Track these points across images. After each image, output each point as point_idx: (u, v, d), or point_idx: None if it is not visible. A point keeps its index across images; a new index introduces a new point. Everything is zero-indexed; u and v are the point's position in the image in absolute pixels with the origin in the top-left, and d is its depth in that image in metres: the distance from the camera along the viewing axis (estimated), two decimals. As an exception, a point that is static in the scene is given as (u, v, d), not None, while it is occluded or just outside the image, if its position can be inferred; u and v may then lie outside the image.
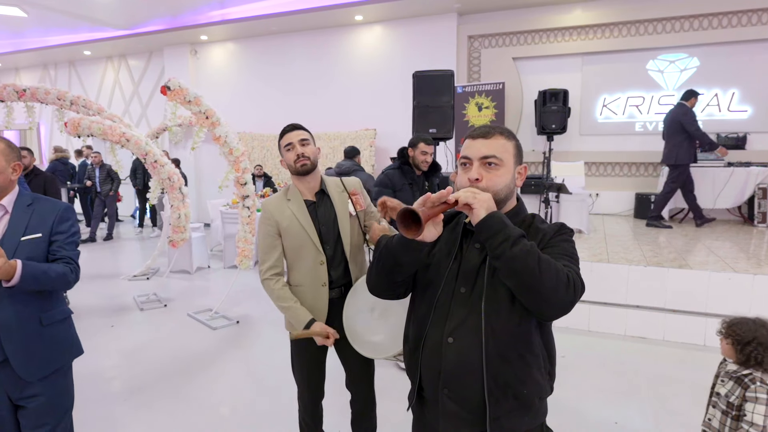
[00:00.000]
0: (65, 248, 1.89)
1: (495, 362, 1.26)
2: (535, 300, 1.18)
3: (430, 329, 1.34)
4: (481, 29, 8.11)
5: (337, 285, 2.11)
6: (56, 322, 1.95)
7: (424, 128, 5.44)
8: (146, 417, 3.08)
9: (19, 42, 11.30)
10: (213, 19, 9.09)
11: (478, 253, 1.31)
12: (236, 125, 9.83)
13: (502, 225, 1.18)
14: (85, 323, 4.74)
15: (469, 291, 1.31)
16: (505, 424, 1.29)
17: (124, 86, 11.60)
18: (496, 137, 1.34)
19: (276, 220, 2.09)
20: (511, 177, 1.35)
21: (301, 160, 2.05)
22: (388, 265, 1.36)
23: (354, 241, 2.15)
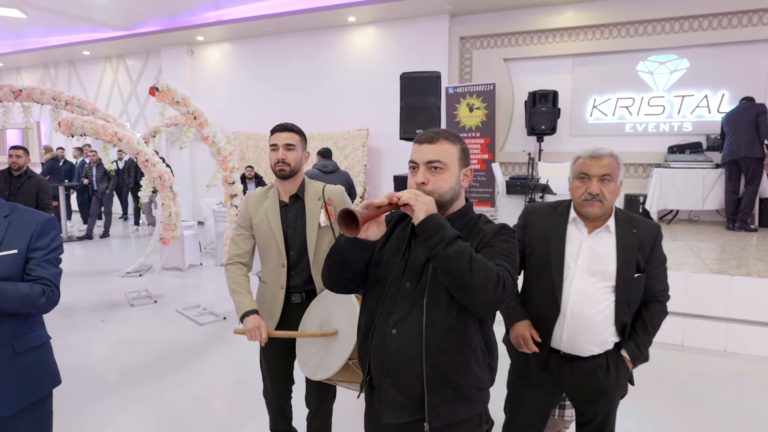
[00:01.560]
0: (42, 266, 1.68)
1: (434, 354, 1.34)
2: (466, 297, 1.26)
3: (377, 321, 1.43)
4: (473, 30, 8.18)
5: (297, 291, 2.12)
6: (31, 348, 1.74)
7: (411, 129, 5.52)
8: (132, 409, 3.18)
9: (20, 42, 11.43)
10: (209, 20, 9.19)
11: (424, 251, 1.36)
12: (232, 125, 9.95)
13: (439, 227, 1.26)
14: (76, 318, 4.85)
15: (414, 286, 1.39)
16: (443, 413, 1.37)
17: (123, 86, 11.72)
18: (440, 142, 1.41)
19: (250, 214, 2.14)
20: (455, 180, 1.43)
21: (281, 165, 2.05)
22: (337, 262, 1.45)
23: (321, 250, 2.10)
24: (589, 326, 1.81)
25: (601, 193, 1.76)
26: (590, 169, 1.78)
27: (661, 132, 7.51)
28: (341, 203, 2.16)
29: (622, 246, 1.81)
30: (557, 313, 1.83)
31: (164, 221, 5.43)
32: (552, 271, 1.84)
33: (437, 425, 1.37)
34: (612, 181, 1.78)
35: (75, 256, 7.88)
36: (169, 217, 5.42)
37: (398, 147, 7.64)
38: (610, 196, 1.78)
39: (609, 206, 1.81)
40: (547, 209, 1.96)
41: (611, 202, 1.80)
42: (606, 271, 1.80)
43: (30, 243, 1.69)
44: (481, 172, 7.85)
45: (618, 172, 1.80)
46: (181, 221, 5.75)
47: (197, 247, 7.10)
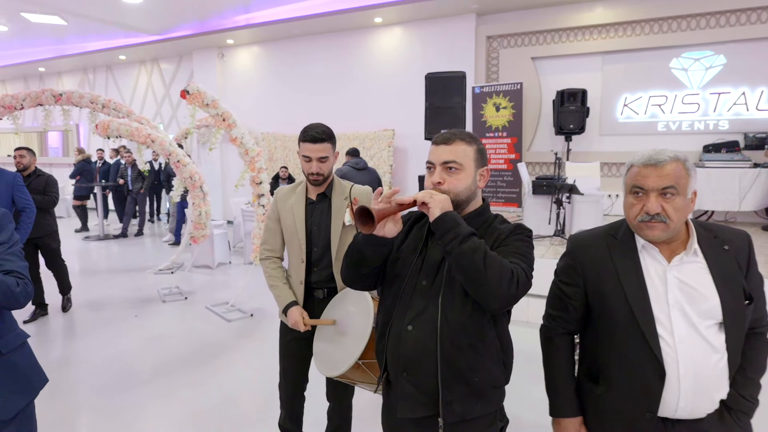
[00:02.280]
0: (8, 260, 1.61)
1: (448, 350, 1.36)
2: (479, 293, 1.28)
3: (394, 318, 1.46)
4: (500, 29, 8.11)
5: (319, 287, 2.16)
6: (15, 348, 1.68)
7: (435, 129, 5.53)
8: (163, 400, 3.29)
9: (61, 48, 11.91)
10: (238, 24, 9.38)
11: (441, 250, 1.38)
12: (260, 126, 10.13)
13: (454, 223, 1.28)
14: (111, 313, 5.03)
15: (429, 284, 1.42)
16: (457, 409, 1.38)
17: (156, 89, 12.07)
18: (457, 143, 1.44)
19: (278, 209, 2.20)
20: (472, 180, 1.45)
21: (315, 176, 2.08)
22: (354, 259, 1.48)
23: (344, 249, 2.06)
24: (711, 382, 1.35)
25: (663, 212, 1.33)
26: (647, 181, 1.34)
27: (695, 131, 7.30)
28: (367, 203, 2.15)
29: (719, 270, 1.37)
30: (662, 375, 1.34)
31: (195, 220, 5.58)
32: (638, 320, 1.36)
33: (451, 421, 1.38)
34: (679, 194, 1.33)
35: (111, 253, 8.16)
36: (199, 216, 5.56)
37: (423, 147, 7.65)
38: (676, 214, 1.33)
39: (677, 227, 1.35)
40: (603, 237, 1.51)
41: (679, 221, 1.35)
42: (708, 307, 1.34)
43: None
44: (508, 172, 7.79)
45: (688, 182, 1.34)
46: (210, 220, 5.89)
47: (226, 246, 7.27)
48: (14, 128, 6.37)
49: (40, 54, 12.31)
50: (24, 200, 3.99)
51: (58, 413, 3.14)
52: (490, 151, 7.98)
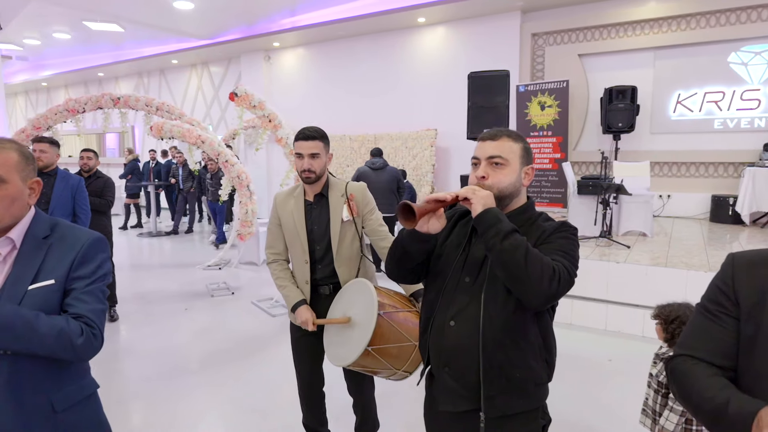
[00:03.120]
0: (82, 300, 1.31)
1: (490, 346, 1.36)
2: (520, 289, 1.27)
3: (437, 313, 1.47)
4: (546, 26, 7.96)
5: (324, 283, 2.22)
6: (76, 403, 1.37)
7: (478, 128, 5.49)
8: (210, 388, 3.43)
9: (118, 54, 12.54)
10: (284, 27, 9.60)
11: (484, 247, 1.38)
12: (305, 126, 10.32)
13: (496, 220, 1.29)
14: (163, 306, 5.27)
15: (472, 280, 1.42)
16: (499, 404, 1.38)
17: (206, 91, 12.51)
18: (503, 139, 1.45)
19: (278, 213, 2.26)
20: (516, 176, 1.44)
21: (306, 173, 2.14)
22: (398, 254, 1.52)
23: (345, 244, 2.21)
24: None
25: None
26: None
27: (755, 128, 6.94)
28: (363, 198, 2.25)
29: None
30: None
31: (241, 218, 5.76)
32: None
33: (493, 416, 1.38)
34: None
35: (163, 249, 8.54)
36: (246, 214, 5.74)
37: (466, 146, 7.60)
38: None
39: None
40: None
41: None
42: None
43: (70, 271, 1.33)
44: (553, 172, 7.64)
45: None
46: (257, 218, 6.07)
47: (271, 244, 7.45)
48: (77, 130, 6.75)
49: (99, 60, 13.00)
50: (83, 206, 3.98)
51: (114, 398, 3.33)
52: (535, 151, 7.84)
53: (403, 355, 1.91)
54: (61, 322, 1.23)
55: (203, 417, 3.11)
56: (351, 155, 9.72)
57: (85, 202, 3.99)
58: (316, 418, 2.40)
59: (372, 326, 1.84)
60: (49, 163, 3.83)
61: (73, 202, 3.91)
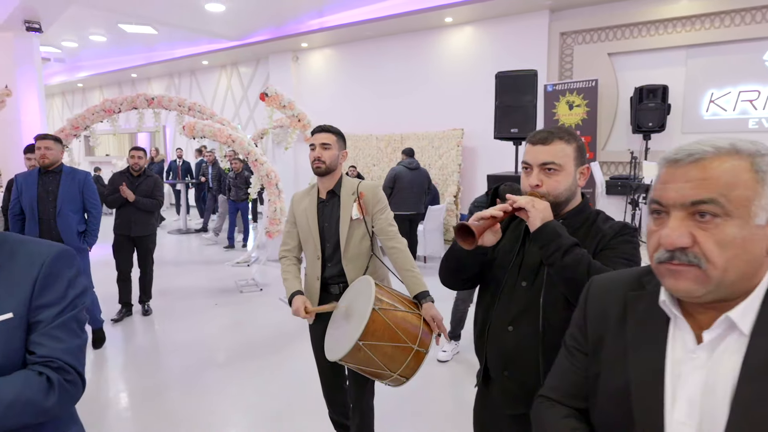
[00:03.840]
0: (53, 336, 1.01)
1: (551, 351, 1.31)
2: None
3: (493, 318, 1.46)
4: (575, 25, 7.88)
5: (334, 281, 2.26)
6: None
7: (505, 128, 5.49)
8: (239, 381, 3.54)
9: (151, 55, 12.88)
10: (312, 28, 9.72)
11: (539, 253, 1.36)
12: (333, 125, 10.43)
13: (556, 235, 1.27)
14: (194, 301, 5.43)
15: (529, 285, 1.41)
16: None
17: (235, 91, 12.75)
18: (555, 142, 1.38)
19: (294, 211, 2.33)
20: (572, 180, 1.40)
21: (317, 162, 2.20)
22: (453, 266, 1.53)
23: (354, 243, 2.22)
24: None
25: (696, 248, 0.75)
26: (667, 194, 0.79)
27: (792, 128, 6.75)
28: (373, 197, 2.27)
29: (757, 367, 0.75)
30: None
31: (270, 216, 5.88)
32: (636, 421, 0.85)
33: None
34: (728, 215, 0.73)
35: (192, 246, 8.75)
36: (275, 212, 5.86)
37: (493, 146, 7.58)
38: (721, 255, 0.74)
39: (729, 278, 0.75)
40: (629, 285, 0.95)
41: (730, 267, 0.74)
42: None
43: (32, 299, 1.02)
44: (581, 172, 7.56)
45: (750, 194, 0.74)
46: (285, 217, 6.19)
47: (298, 241, 7.58)
48: (112, 129, 6.99)
49: (133, 61, 13.37)
50: (92, 201, 3.89)
51: (148, 389, 3.47)
52: (562, 151, 7.77)
53: (399, 357, 1.87)
54: (16, 386, 0.93)
55: (232, 408, 3.21)
56: (377, 155, 9.79)
57: (94, 196, 3.92)
58: (339, 411, 2.44)
59: (365, 320, 1.81)
60: (55, 161, 3.74)
61: (82, 198, 3.85)
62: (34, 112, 7.87)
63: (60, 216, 3.68)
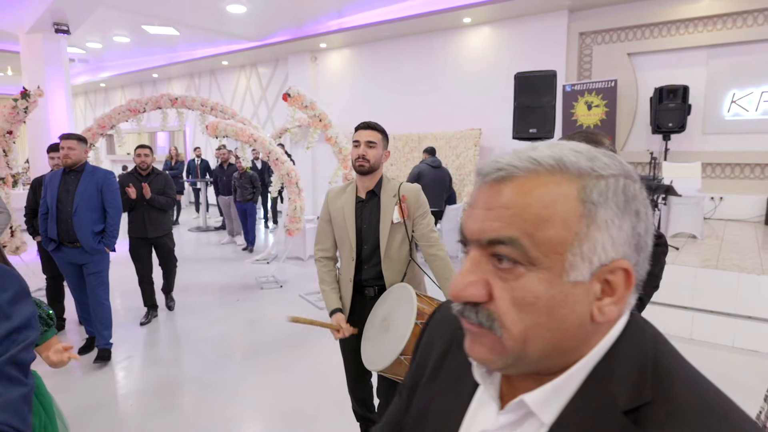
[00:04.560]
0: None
1: None
2: None
3: None
4: (594, 25, 7.86)
5: (370, 285, 2.20)
6: None
7: (524, 128, 5.52)
8: (260, 375, 3.63)
9: (172, 56, 13.10)
10: (331, 28, 9.82)
11: None
12: (351, 126, 10.51)
13: None
14: (216, 296, 5.56)
15: None
16: None
17: (254, 91, 12.92)
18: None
19: (329, 209, 2.25)
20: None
21: (360, 161, 2.14)
22: None
23: (393, 246, 2.17)
24: None
25: (492, 305, 0.54)
26: (466, 222, 0.57)
27: (816, 129, 6.66)
28: (415, 201, 2.21)
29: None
30: None
31: (290, 214, 5.99)
32: None
33: None
34: (532, 264, 0.52)
35: (211, 243, 8.91)
36: (295, 210, 5.96)
37: (511, 146, 7.56)
38: (518, 321, 0.53)
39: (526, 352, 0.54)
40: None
41: (531, 339, 0.53)
42: None
43: None
44: (599, 173, 7.54)
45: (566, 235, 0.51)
46: (304, 215, 6.28)
47: (316, 240, 7.67)
48: (137, 129, 7.15)
49: (154, 62, 13.61)
50: (111, 201, 3.74)
51: (170, 382, 3.58)
52: (580, 151, 7.76)
53: None
54: None
55: (250, 403, 3.30)
56: (395, 154, 9.86)
57: (114, 195, 3.76)
58: (363, 406, 2.46)
59: (408, 334, 1.82)
60: (78, 160, 3.65)
61: (101, 197, 3.69)
62: (61, 112, 8.09)
63: (76, 215, 3.59)
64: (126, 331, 4.52)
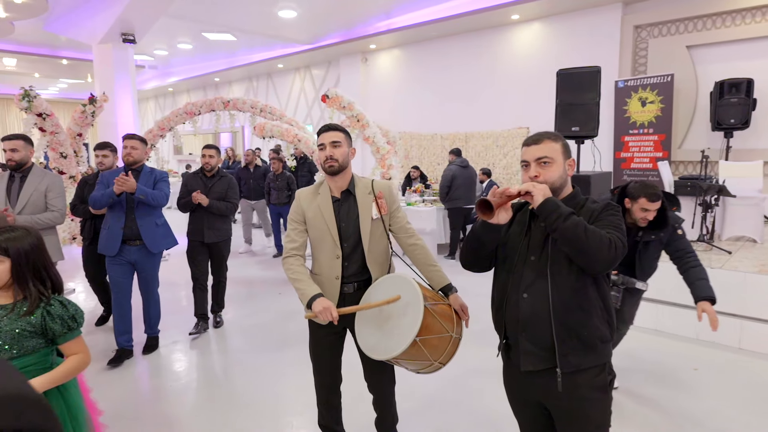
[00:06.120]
0: None
1: (560, 311, 1.61)
2: (584, 259, 1.53)
3: (510, 291, 1.72)
4: (650, 17, 7.51)
5: (350, 281, 2.21)
6: None
7: (566, 126, 5.37)
8: (296, 363, 3.79)
9: (232, 60, 13.74)
10: (380, 29, 9.96)
11: (543, 230, 1.66)
12: (399, 125, 10.63)
13: (556, 206, 1.55)
14: (260, 289, 5.82)
15: (537, 258, 1.68)
16: (572, 360, 1.61)
17: (308, 92, 13.30)
18: (545, 142, 1.70)
19: (303, 210, 2.23)
20: (562, 170, 1.70)
21: (329, 161, 2.14)
22: (474, 245, 1.78)
23: (375, 241, 2.21)
24: None
25: None
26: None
27: None
28: (390, 196, 2.28)
29: None
30: None
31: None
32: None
33: (567, 371, 1.60)
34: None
35: (259, 239, 9.28)
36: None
37: (558, 145, 7.41)
38: None
39: None
40: None
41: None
42: None
43: None
44: (653, 172, 7.20)
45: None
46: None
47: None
48: (193, 130, 7.59)
49: (216, 66, 14.33)
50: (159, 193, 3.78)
51: (217, 365, 3.81)
52: (634, 149, 7.46)
53: (442, 346, 1.98)
54: None
55: (288, 386, 3.46)
56: (442, 153, 9.85)
57: (164, 189, 3.83)
58: (333, 417, 2.45)
59: (420, 317, 1.87)
60: (138, 159, 3.78)
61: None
62: (128, 115, 8.71)
63: (138, 209, 3.75)
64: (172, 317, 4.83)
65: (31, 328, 1.67)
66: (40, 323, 1.68)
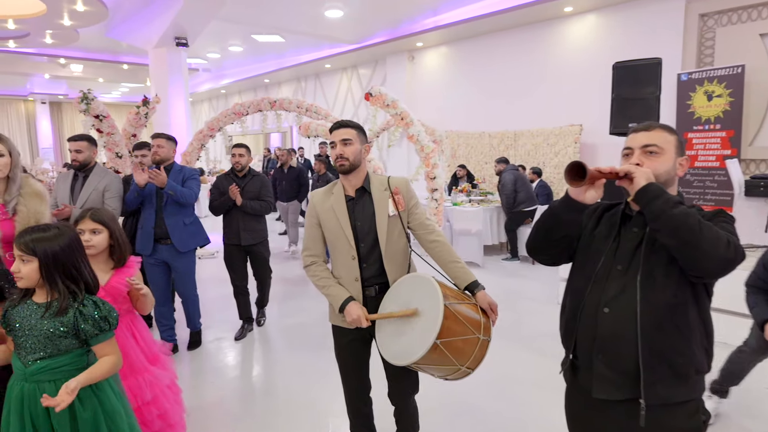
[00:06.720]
0: None
1: (650, 332, 1.35)
2: (694, 255, 1.25)
3: (587, 300, 1.48)
4: (718, 5, 6.97)
5: (371, 283, 2.10)
6: None
7: (622, 123, 5.05)
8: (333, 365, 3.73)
9: (281, 62, 13.97)
10: (427, 27, 9.81)
11: (636, 237, 1.43)
12: (446, 124, 10.44)
13: (661, 191, 1.30)
14: (302, 287, 5.83)
15: (625, 268, 1.43)
16: (661, 392, 1.35)
17: (355, 92, 13.33)
18: (657, 130, 1.46)
19: (317, 212, 2.14)
20: (671, 165, 1.44)
21: (340, 160, 2.05)
22: (548, 224, 1.54)
23: (392, 240, 2.10)
24: None
25: None
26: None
27: None
28: (407, 192, 2.16)
29: None
30: None
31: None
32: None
33: (653, 403, 1.35)
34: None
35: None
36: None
37: (613, 143, 7.01)
38: None
39: None
40: None
41: None
42: None
43: None
44: (720, 171, 6.69)
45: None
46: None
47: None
48: (241, 131, 7.72)
49: (266, 68, 14.61)
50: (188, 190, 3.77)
51: (257, 364, 3.82)
52: (698, 147, 6.95)
53: (468, 349, 1.81)
54: None
55: (327, 388, 3.40)
56: (490, 152, 9.59)
57: (194, 188, 3.83)
58: (364, 422, 2.35)
59: (440, 317, 1.74)
60: (166, 158, 3.77)
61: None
62: (181, 116, 8.99)
63: (166, 208, 3.75)
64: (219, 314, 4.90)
65: (64, 328, 1.67)
66: (73, 323, 1.68)
